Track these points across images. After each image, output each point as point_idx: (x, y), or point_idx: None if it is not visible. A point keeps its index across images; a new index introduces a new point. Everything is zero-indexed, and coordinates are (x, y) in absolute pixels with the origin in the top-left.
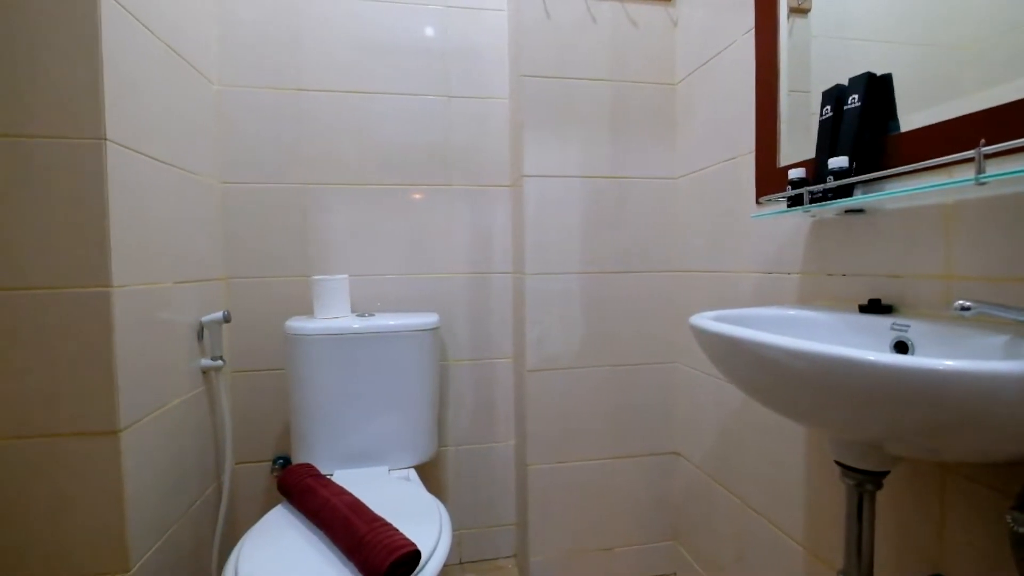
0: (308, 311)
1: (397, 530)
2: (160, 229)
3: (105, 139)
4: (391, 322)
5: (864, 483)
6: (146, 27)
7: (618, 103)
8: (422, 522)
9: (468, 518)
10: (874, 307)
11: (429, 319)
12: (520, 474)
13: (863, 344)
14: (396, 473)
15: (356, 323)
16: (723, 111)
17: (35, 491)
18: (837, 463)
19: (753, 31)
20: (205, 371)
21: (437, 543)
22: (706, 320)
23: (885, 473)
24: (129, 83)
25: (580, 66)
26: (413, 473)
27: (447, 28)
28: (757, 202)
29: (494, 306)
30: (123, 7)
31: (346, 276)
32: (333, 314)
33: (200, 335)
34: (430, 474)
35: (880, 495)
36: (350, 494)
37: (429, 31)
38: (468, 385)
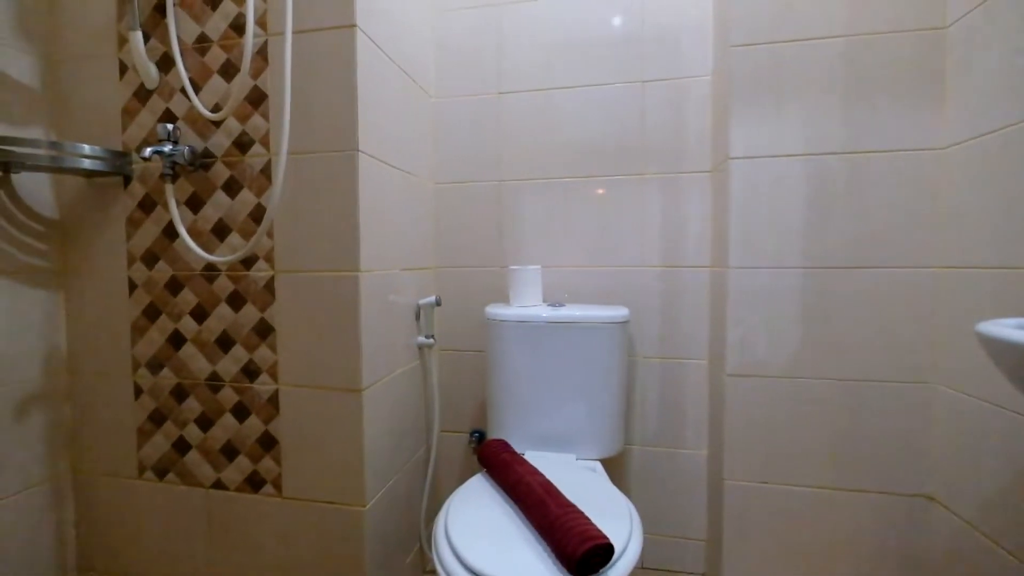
0: (505, 299)
1: (589, 519)
2: (391, 224)
3: (358, 150)
4: (581, 313)
5: None
6: (386, 54)
7: (855, 62)
8: (612, 517)
9: (650, 523)
10: None
11: (619, 312)
12: (714, 487)
13: None
14: (583, 463)
15: (548, 312)
16: None
17: (309, 429)
18: None
19: None
20: (420, 347)
21: (629, 541)
22: (1011, 330)
23: None
24: (373, 101)
25: (803, 25)
26: (599, 466)
27: (643, 10)
28: None
29: (687, 302)
30: (371, 39)
31: (539, 267)
32: (527, 303)
33: (417, 316)
34: (614, 470)
35: None
36: (543, 475)
37: (617, 20)
38: (656, 384)
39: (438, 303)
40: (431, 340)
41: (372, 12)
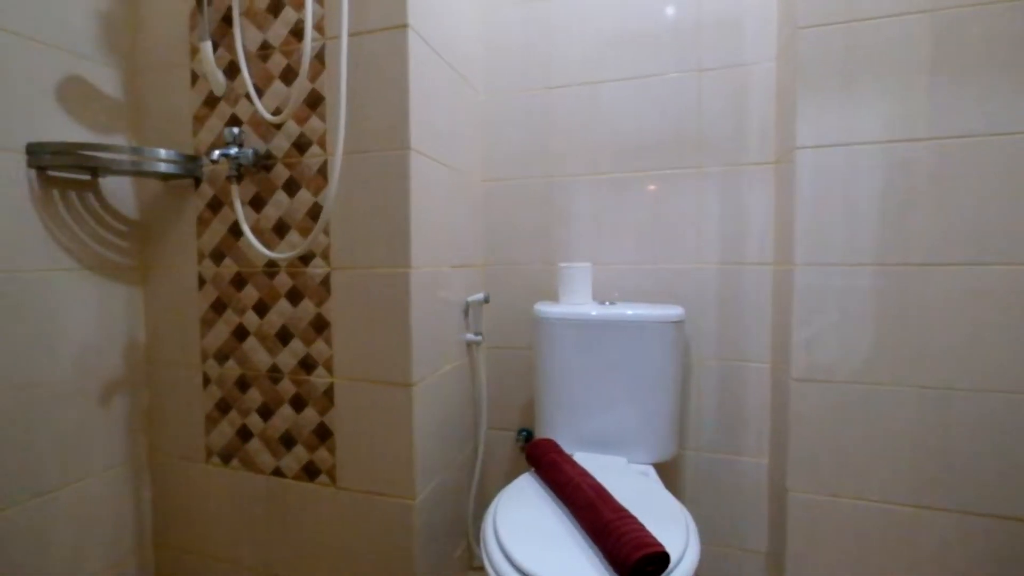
0: (553, 297)
1: (643, 526)
2: (441, 221)
3: (410, 148)
4: (633, 312)
5: None
6: (436, 52)
7: (945, 39)
8: (667, 524)
9: (706, 532)
10: None
11: (673, 311)
12: (776, 498)
13: None
14: (634, 467)
15: (599, 311)
16: None
17: (361, 422)
18: None
19: None
20: (468, 344)
21: (685, 550)
22: None
23: None
24: (424, 99)
25: (882, 1)
26: (652, 470)
27: None
28: None
29: (748, 301)
30: (422, 38)
31: (589, 264)
32: (576, 300)
33: (465, 313)
34: (668, 475)
35: None
36: (593, 477)
37: (670, 10)
38: (713, 387)
39: (486, 300)
40: (479, 337)
41: (423, 11)
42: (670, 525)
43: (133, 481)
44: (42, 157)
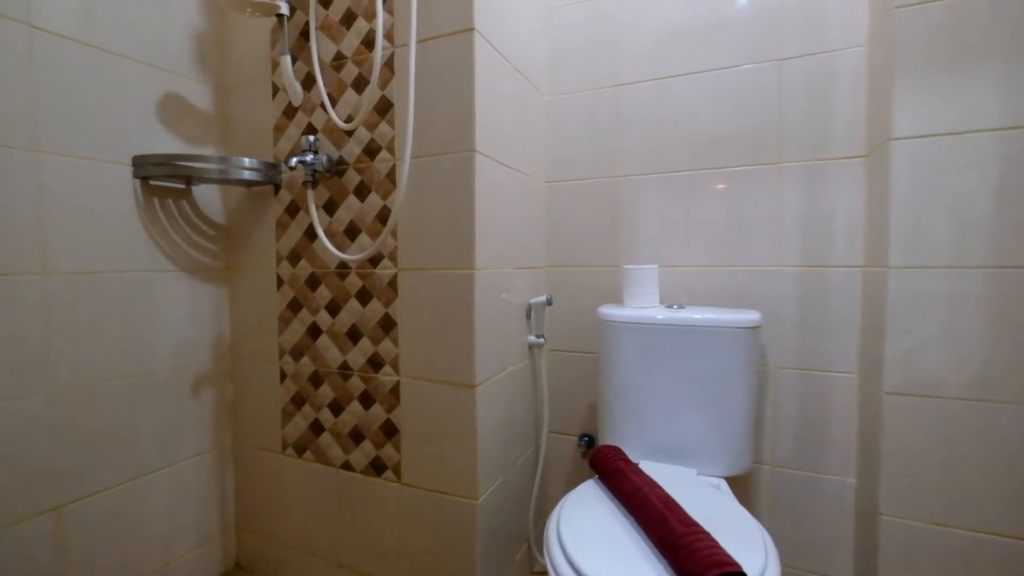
0: (618, 299)
1: (717, 542)
2: (504, 222)
3: (475, 151)
4: (703, 316)
5: None
6: (501, 55)
7: None
8: (742, 542)
9: (783, 554)
10: None
11: (748, 316)
12: (865, 523)
13: None
14: (705, 479)
15: (667, 314)
16: None
17: (426, 421)
18: None
19: None
20: (530, 346)
21: (764, 571)
22: None
23: None
24: (489, 102)
25: None
26: (724, 484)
27: None
28: None
29: (832, 306)
30: (488, 41)
31: (655, 267)
32: (642, 303)
33: (528, 315)
34: (741, 491)
35: None
36: (661, 488)
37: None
38: (793, 398)
39: (549, 302)
40: (541, 339)
41: (489, 15)
42: (746, 543)
43: (219, 468)
44: (146, 168)
